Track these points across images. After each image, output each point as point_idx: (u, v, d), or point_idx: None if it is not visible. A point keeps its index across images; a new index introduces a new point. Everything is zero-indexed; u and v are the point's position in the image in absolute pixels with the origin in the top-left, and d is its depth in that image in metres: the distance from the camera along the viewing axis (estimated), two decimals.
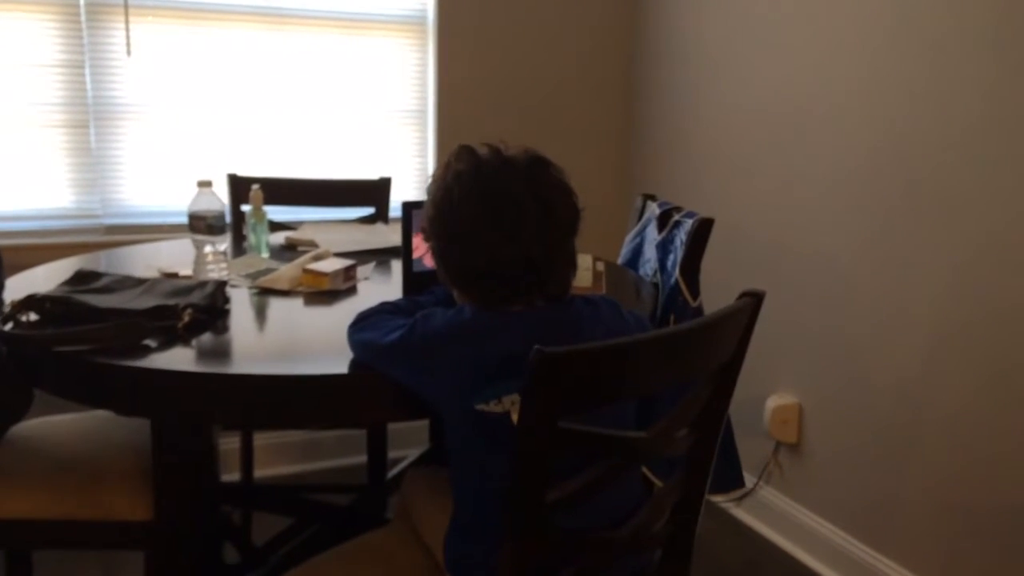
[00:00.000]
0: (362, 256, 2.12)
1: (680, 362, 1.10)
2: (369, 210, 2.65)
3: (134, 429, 1.71)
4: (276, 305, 1.73)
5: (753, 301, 1.21)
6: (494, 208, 1.23)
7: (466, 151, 1.30)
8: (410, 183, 3.15)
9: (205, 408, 1.35)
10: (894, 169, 2.27)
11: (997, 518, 2.05)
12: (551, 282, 1.27)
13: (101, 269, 2.01)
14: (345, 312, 1.72)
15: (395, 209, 2.87)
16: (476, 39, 3.11)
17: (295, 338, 1.54)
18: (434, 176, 1.32)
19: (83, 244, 2.65)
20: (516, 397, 1.19)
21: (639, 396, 1.18)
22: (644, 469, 1.77)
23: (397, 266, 2.14)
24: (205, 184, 1.78)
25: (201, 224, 1.74)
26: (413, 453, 2.83)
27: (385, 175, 2.70)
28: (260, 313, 1.68)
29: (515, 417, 1.18)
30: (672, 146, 3.15)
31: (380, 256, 2.16)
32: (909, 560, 2.29)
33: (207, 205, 1.76)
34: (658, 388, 1.08)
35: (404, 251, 1.57)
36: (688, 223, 2.00)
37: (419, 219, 1.36)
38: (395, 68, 3.06)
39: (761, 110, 2.71)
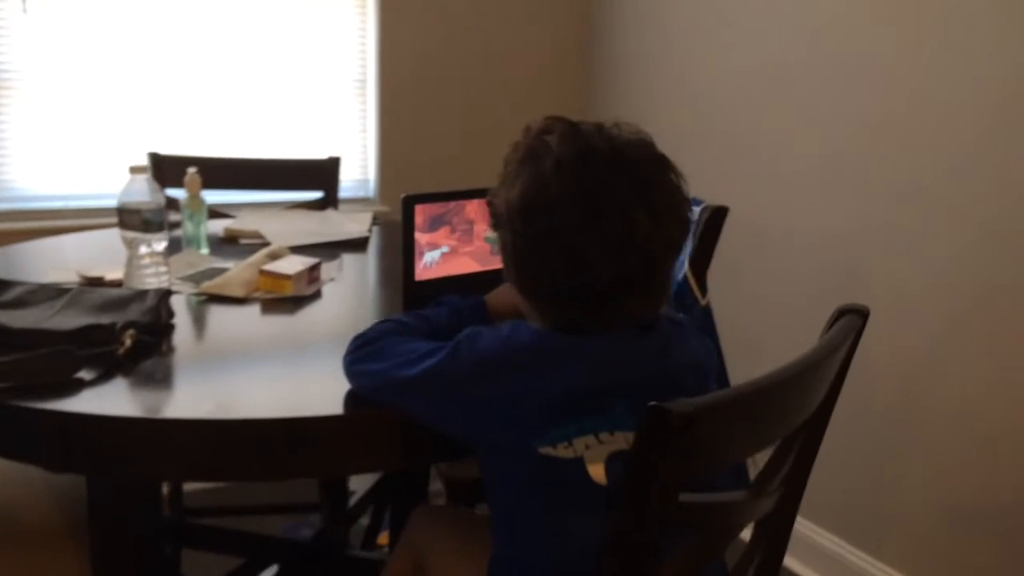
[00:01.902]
0: (317, 251, 1.82)
1: (799, 403, 0.87)
2: (316, 194, 2.34)
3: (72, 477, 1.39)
4: (227, 316, 1.44)
5: (859, 322, 0.99)
6: (597, 216, 0.98)
7: (570, 131, 1.03)
8: (352, 160, 2.84)
9: (158, 463, 1.06)
10: (894, 147, 2.12)
11: (1003, 521, 1.94)
12: (642, 308, 1.03)
13: None
14: (310, 323, 1.44)
15: (346, 191, 2.58)
16: (423, 2, 2.82)
17: (262, 361, 1.26)
18: (523, 152, 1.04)
19: None
20: (591, 440, 0.96)
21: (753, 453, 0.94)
22: None
23: (361, 263, 1.86)
24: (139, 170, 1.44)
25: (135, 219, 1.41)
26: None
27: (333, 154, 2.37)
28: (210, 328, 1.39)
29: (592, 468, 0.96)
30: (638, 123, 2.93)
31: (338, 250, 1.87)
32: (905, 565, 2.17)
33: (141, 195, 1.43)
34: (776, 439, 0.85)
35: (405, 256, 1.29)
36: (695, 211, 1.79)
37: (493, 195, 1.06)
38: (334, 33, 2.75)
39: (747, 83, 2.52)
